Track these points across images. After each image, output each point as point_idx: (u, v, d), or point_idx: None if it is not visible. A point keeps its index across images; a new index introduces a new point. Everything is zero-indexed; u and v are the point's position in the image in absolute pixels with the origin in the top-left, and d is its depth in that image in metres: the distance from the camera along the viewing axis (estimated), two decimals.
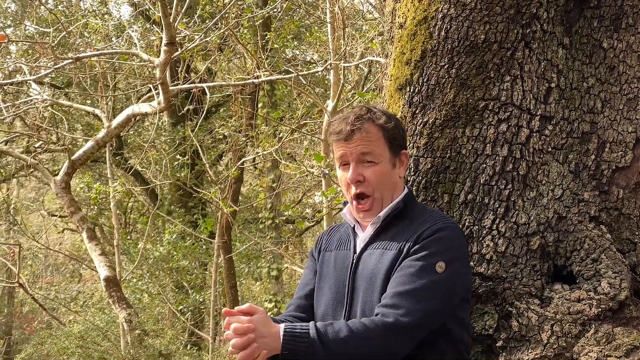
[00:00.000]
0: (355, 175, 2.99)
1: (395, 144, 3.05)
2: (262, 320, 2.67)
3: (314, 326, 2.68)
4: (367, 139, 2.98)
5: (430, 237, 2.87)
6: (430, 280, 2.78)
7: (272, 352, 2.63)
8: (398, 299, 2.74)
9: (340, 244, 3.18)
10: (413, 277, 2.78)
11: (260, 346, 2.60)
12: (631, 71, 3.41)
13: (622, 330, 3.04)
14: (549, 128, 3.32)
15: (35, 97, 10.87)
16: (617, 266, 3.17)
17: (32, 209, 20.58)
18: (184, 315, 14.51)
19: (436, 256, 2.82)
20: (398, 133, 3.08)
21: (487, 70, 3.31)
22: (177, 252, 14.60)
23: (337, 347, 2.64)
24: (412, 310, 2.72)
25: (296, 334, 2.65)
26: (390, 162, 3.04)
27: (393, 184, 3.06)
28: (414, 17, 3.50)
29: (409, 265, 2.82)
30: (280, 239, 14.13)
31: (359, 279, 2.97)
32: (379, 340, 2.68)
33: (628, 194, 3.37)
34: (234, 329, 2.61)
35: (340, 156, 3.04)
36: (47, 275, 21.94)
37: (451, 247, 2.89)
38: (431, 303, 2.76)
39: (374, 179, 2.99)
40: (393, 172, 3.05)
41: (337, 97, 9.05)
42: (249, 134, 12.57)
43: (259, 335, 2.61)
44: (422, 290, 2.75)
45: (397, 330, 2.69)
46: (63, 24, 9.83)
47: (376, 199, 3.01)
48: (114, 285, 9.32)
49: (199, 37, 8.78)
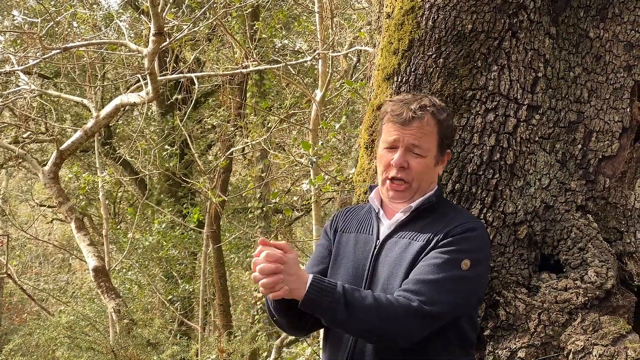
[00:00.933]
0: (401, 160, 2.96)
1: (445, 142, 3.04)
2: (294, 259, 2.66)
3: (341, 285, 2.69)
4: (422, 130, 2.96)
5: (461, 234, 2.87)
6: (453, 274, 2.79)
7: (294, 293, 2.63)
8: (421, 286, 2.75)
9: (361, 227, 3.16)
10: (437, 269, 2.78)
11: (285, 281, 2.59)
12: (617, 61, 3.42)
13: (608, 319, 3.05)
14: (536, 117, 3.33)
15: (24, 87, 10.81)
16: (604, 255, 3.19)
17: (20, 198, 20.53)
18: (173, 304, 14.51)
19: (463, 253, 2.83)
20: (451, 132, 3.08)
21: (474, 59, 3.32)
22: (166, 241, 14.58)
23: (359, 312, 2.65)
24: (435, 299, 2.73)
25: (323, 286, 2.65)
26: (435, 158, 3.02)
27: (431, 179, 3.05)
28: (402, 6, 3.50)
29: (434, 257, 2.82)
30: (270, 229, 14.12)
31: (380, 265, 2.96)
32: (401, 319, 2.69)
33: (614, 183, 3.39)
34: (267, 255, 2.61)
35: (391, 140, 3.00)
36: (36, 266, 21.90)
37: (479, 248, 2.90)
38: (452, 296, 2.77)
39: (417, 170, 2.97)
40: (434, 169, 3.04)
41: (325, 87, 9.04)
42: (237, 124, 12.55)
43: (288, 271, 2.61)
44: (444, 282, 2.76)
45: (419, 316, 2.70)
46: (51, 13, 9.79)
47: (413, 187, 3.00)
48: (102, 275, 9.32)
49: (187, 27, 8.75)
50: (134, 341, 9.04)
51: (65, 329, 9.90)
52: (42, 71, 14.65)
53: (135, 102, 9.22)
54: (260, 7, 12.35)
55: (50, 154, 11.28)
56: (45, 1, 12.64)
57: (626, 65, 3.42)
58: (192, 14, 10.61)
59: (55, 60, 10.97)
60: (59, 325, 10.14)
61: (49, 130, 13.80)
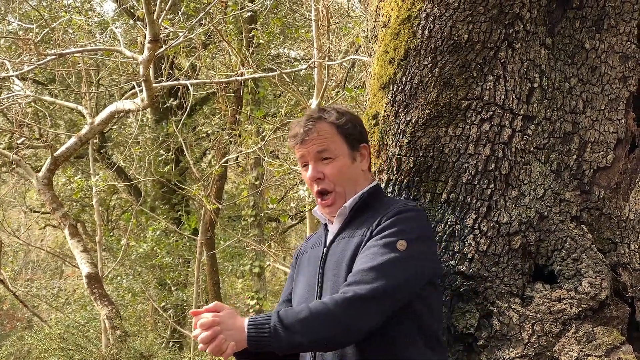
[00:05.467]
0: (314, 173, 3.08)
1: (351, 138, 3.12)
2: (227, 314, 2.70)
3: (276, 313, 2.70)
4: (320, 137, 3.08)
5: (392, 218, 2.91)
6: (390, 257, 2.79)
7: (240, 344, 2.64)
8: (359, 276, 2.76)
9: (315, 243, 3.25)
10: (374, 255, 2.80)
11: (226, 338, 2.62)
12: (613, 72, 3.42)
13: (602, 330, 3.05)
14: (531, 128, 3.33)
15: (18, 93, 10.80)
16: (598, 266, 3.18)
17: (13, 204, 20.48)
18: (166, 312, 14.48)
19: (397, 235, 2.85)
20: (353, 127, 3.15)
21: (470, 69, 3.32)
22: (160, 249, 14.57)
23: (299, 328, 2.65)
24: (372, 284, 2.72)
25: (258, 322, 2.67)
26: (349, 156, 3.11)
27: (354, 177, 3.13)
28: (398, 16, 3.50)
29: (371, 246, 2.86)
30: (263, 237, 14.13)
31: (327, 269, 3.02)
32: (340, 315, 2.68)
33: (609, 194, 3.39)
34: (201, 324, 2.65)
35: (300, 157, 3.14)
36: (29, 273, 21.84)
37: (413, 228, 2.92)
38: (392, 278, 2.77)
39: (333, 175, 3.07)
40: (353, 166, 3.12)
41: (320, 95, 9.04)
42: (232, 132, 12.55)
43: (225, 328, 2.64)
44: (382, 265, 2.77)
45: (357, 303, 2.69)
46: (46, 20, 9.78)
47: (338, 192, 3.08)
48: (95, 282, 9.30)
49: (183, 35, 8.76)
50: (127, 353, 9.01)
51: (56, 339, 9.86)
52: (37, 77, 14.64)
53: (130, 108, 9.21)
54: (257, 14, 12.36)
55: (44, 160, 11.26)
56: (41, 8, 12.64)
57: (622, 76, 3.42)
58: (188, 20, 10.62)
59: (50, 66, 10.97)
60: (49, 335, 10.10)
61: (43, 136, 13.76)
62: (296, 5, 13.51)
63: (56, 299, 17.49)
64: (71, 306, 15.82)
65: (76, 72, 11.70)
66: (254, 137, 11.27)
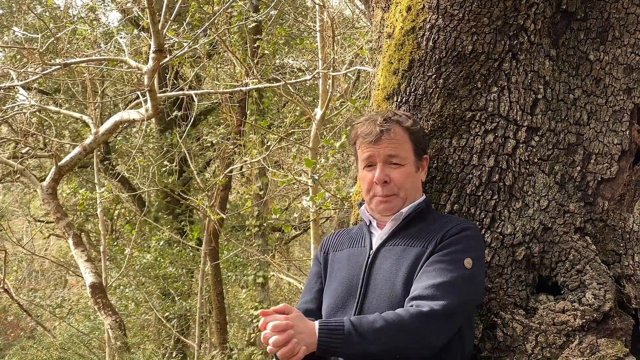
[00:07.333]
0: (382, 175, 3.04)
1: (420, 147, 3.13)
2: (298, 317, 2.69)
3: (348, 319, 2.70)
4: (394, 141, 3.05)
5: (457, 235, 2.94)
6: (460, 274, 2.84)
7: (310, 347, 2.64)
8: (431, 291, 2.77)
9: (354, 242, 3.21)
10: (444, 271, 2.82)
11: (299, 341, 2.60)
12: (617, 83, 3.42)
13: (606, 342, 3.04)
14: (535, 139, 3.33)
15: (23, 102, 10.82)
16: (602, 277, 3.18)
17: (17, 214, 20.49)
18: (170, 322, 14.46)
19: (464, 252, 2.89)
20: (422, 137, 3.17)
21: (474, 80, 3.33)
22: (164, 259, 14.56)
23: (373, 338, 2.66)
24: (447, 300, 2.75)
25: (331, 327, 2.67)
26: (415, 165, 3.11)
27: (416, 186, 3.14)
28: (402, 27, 3.51)
29: (438, 260, 2.87)
30: (267, 247, 14.11)
31: (375, 273, 2.99)
32: (415, 329, 2.70)
33: (613, 206, 3.38)
34: (274, 327, 2.61)
35: (367, 157, 3.09)
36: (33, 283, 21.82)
37: (476, 247, 2.97)
38: (463, 295, 2.82)
39: (399, 180, 3.05)
40: (416, 175, 3.13)
41: (325, 106, 9.05)
42: (237, 142, 12.56)
43: (297, 331, 2.62)
44: (453, 283, 2.80)
45: (433, 319, 2.72)
46: (51, 29, 9.81)
47: (400, 197, 3.07)
48: (99, 292, 9.31)
49: (187, 45, 8.77)
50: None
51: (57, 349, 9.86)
52: (41, 87, 14.66)
53: (134, 118, 9.23)
54: (261, 24, 12.38)
55: (49, 169, 11.27)
56: (46, 17, 12.67)
57: (626, 88, 3.42)
58: (193, 31, 10.64)
59: (55, 76, 10.99)
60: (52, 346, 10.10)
61: (47, 146, 13.79)
62: (301, 16, 13.54)
63: (60, 308, 17.48)
64: (75, 316, 15.81)
65: (81, 81, 11.72)
66: (258, 147, 11.27)
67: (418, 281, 2.85)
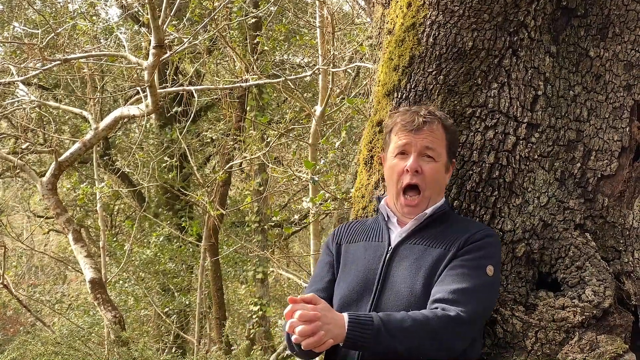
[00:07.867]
0: (415, 164, 3.02)
1: (453, 149, 3.14)
2: (326, 307, 2.68)
3: (376, 315, 2.70)
4: (433, 135, 3.04)
5: (481, 241, 2.96)
6: (483, 281, 2.87)
7: (337, 339, 2.63)
8: (456, 295, 2.79)
9: (370, 236, 3.18)
10: (467, 277, 2.84)
11: (326, 333, 2.59)
12: (617, 80, 3.42)
13: (605, 338, 3.05)
14: (535, 136, 3.33)
15: (23, 98, 10.82)
16: (602, 274, 3.18)
17: (16, 209, 20.48)
18: (169, 317, 14.46)
19: (487, 259, 2.92)
20: (456, 140, 3.19)
21: (474, 77, 3.33)
22: (163, 254, 14.56)
23: (401, 336, 2.66)
24: (471, 306, 2.78)
25: (361, 321, 2.66)
26: (445, 165, 3.10)
27: (442, 186, 3.14)
28: (403, 23, 3.51)
29: (460, 265, 2.88)
30: (267, 243, 14.11)
31: (394, 270, 2.99)
32: (442, 331, 2.71)
33: (613, 202, 3.38)
34: (301, 316, 2.59)
35: (403, 144, 3.06)
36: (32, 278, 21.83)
37: (496, 255, 3.00)
38: (485, 302, 2.88)
39: (430, 175, 3.04)
40: (445, 176, 3.13)
41: (325, 102, 9.05)
42: (236, 138, 12.55)
43: (325, 322, 2.60)
44: (477, 289, 2.83)
45: (459, 324, 2.74)
46: (51, 25, 9.80)
47: (425, 197, 3.05)
48: (99, 287, 9.31)
49: (188, 40, 8.77)
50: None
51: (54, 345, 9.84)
52: (41, 82, 14.66)
53: (134, 114, 9.23)
54: (261, 20, 12.37)
55: (48, 165, 11.27)
56: (45, 13, 12.66)
57: (626, 84, 3.42)
58: (193, 26, 10.63)
59: (55, 71, 10.99)
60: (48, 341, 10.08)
61: (47, 142, 13.78)
62: (301, 12, 13.52)
63: (59, 303, 17.47)
64: (74, 311, 15.79)
65: (81, 77, 11.71)
66: (258, 143, 11.26)
67: (441, 284, 2.86)
